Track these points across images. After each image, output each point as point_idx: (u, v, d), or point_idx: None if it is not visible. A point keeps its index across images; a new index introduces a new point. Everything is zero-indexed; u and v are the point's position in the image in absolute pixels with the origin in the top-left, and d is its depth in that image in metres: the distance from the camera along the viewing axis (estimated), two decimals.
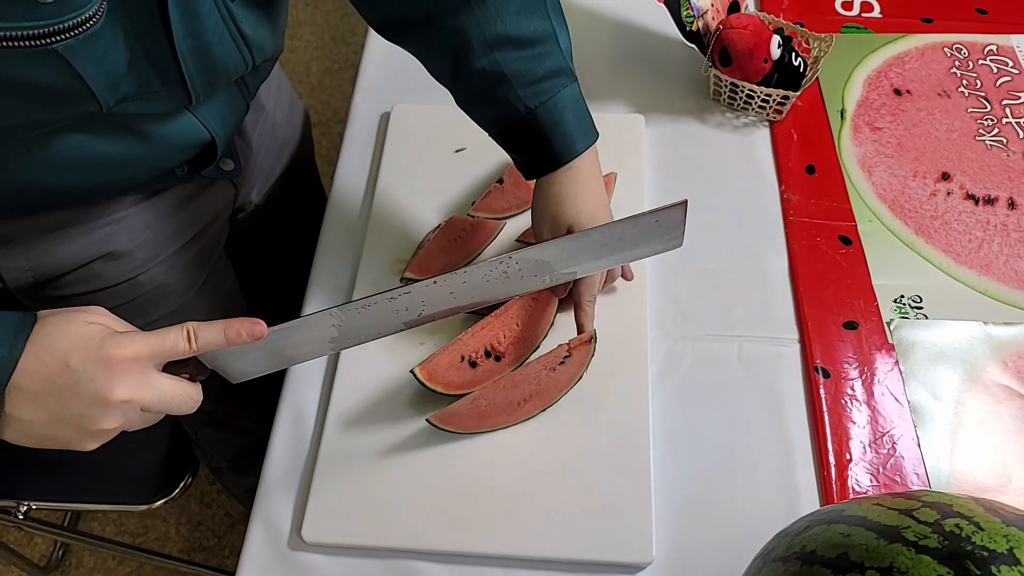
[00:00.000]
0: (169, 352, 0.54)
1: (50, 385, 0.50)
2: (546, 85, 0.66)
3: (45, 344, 0.50)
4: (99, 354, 0.50)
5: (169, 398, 0.54)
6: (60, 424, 0.51)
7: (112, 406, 0.51)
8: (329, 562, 0.68)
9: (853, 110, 0.96)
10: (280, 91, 0.92)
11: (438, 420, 0.69)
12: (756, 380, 0.77)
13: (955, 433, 0.73)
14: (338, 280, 0.84)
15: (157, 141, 0.64)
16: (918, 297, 0.81)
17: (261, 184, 0.92)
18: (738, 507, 0.70)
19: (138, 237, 0.74)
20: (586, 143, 0.68)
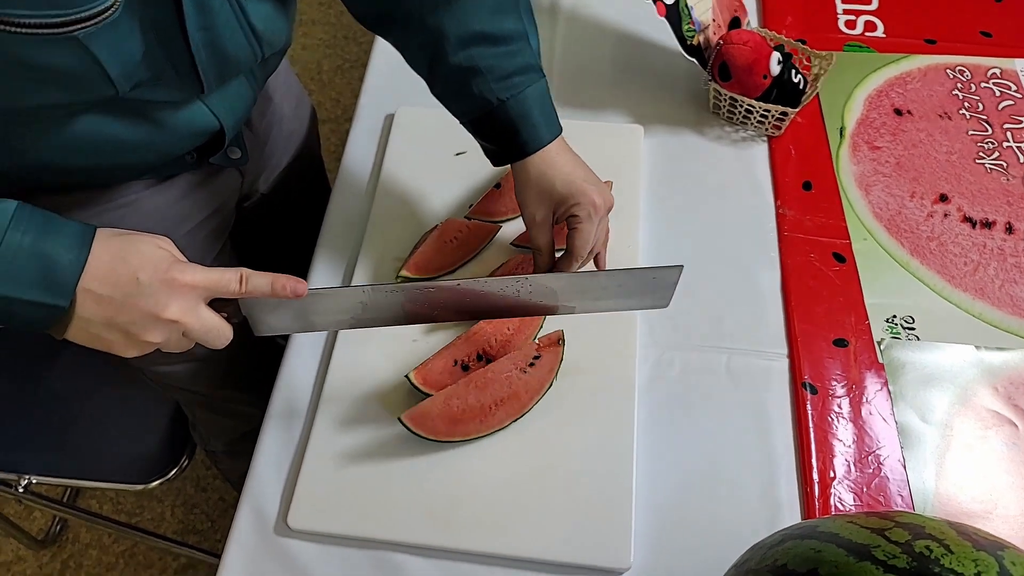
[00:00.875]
0: (222, 288, 0.60)
1: (116, 291, 0.56)
2: (516, 80, 0.69)
3: (119, 255, 0.56)
4: (165, 275, 0.57)
5: (207, 328, 0.60)
6: (113, 328, 0.57)
7: (162, 322, 0.57)
8: (313, 549, 0.70)
9: (852, 128, 0.97)
10: (288, 85, 0.94)
11: (410, 420, 0.70)
12: (743, 393, 0.78)
13: (942, 456, 0.74)
14: (335, 274, 0.85)
15: (168, 127, 0.67)
16: (910, 318, 0.82)
17: (268, 174, 0.94)
18: (719, 519, 0.71)
19: (147, 220, 0.77)
20: (551, 135, 0.72)
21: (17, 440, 1.07)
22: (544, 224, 0.73)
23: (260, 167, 0.91)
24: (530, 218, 0.74)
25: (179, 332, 0.59)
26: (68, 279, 0.54)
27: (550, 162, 0.71)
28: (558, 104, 0.72)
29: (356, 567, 0.69)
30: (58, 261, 0.54)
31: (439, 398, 0.71)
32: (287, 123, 0.94)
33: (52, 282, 0.54)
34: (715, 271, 0.85)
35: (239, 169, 0.86)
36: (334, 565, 0.69)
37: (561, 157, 0.72)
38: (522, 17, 0.70)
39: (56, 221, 0.56)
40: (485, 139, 0.74)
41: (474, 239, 0.84)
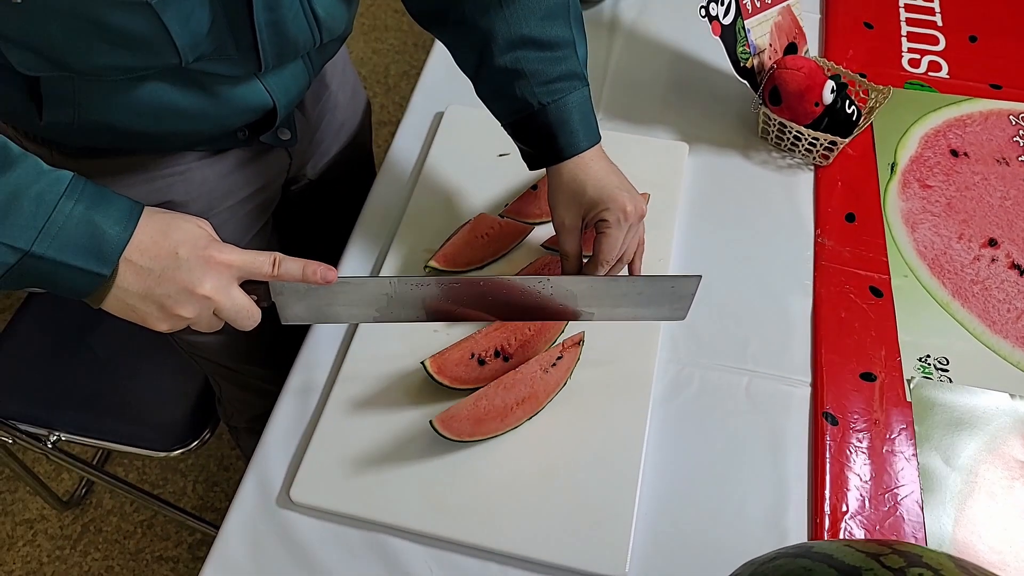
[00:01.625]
0: (255, 270, 0.62)
1: (156, 264, 0.59)
2: (559, 86, 0.70)
3: (162, 231, 0.59)
4: (203, 252, 0.60)
5: (238, 308, 0.62)
6: (149, 300, 0.59)
7: (196, 297, 0.60)
8: (311, 524, 0.70)
9: (905, 165, 0.94)
10: (345, 75, 0.97)
11: (441, 424, 0.70)
12: (761, 416, 0.76)
13: (963, 502, 0.71)
14: (367, 260, 0.87)
15: (224, 100, 0.70)
16: (945, 359, 0.79)
17: (316, 159, 0.96)
18: (721, 538, 0.69)
19: (195, 191, 0.79)
20: (589, 142, 0.72)
21: (52, 398, 1.11)
22: (573, 229, 0.73)
23: (309, 151, 0.94)
24: (559, 222, 0.74)
25: (210, 309, 0.61)
26: (114, 249, 0.57)
27: (583, 167, 0.72)
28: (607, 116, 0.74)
29: (350, 546, 0.69)
30: (106, 231, 0.57)
31: (470, 400, 0.71)
32: (340, 112, 0.97)
33: (99, 251, 0.57)
34: (746, 293, 0.84)
35: (288, 150, 0.88)
36: (329, 542, 0.69)
37: (596, 164, 0.72)
38: (571, 25, 0.71)
39: (108, 194, 0.59)
40: (523, 142, 0.75)
41: (506, 237, 0.84)
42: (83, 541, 1.42)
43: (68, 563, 1.40)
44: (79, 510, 1.45)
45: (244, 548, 0.69)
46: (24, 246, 0.54)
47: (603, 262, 0.72)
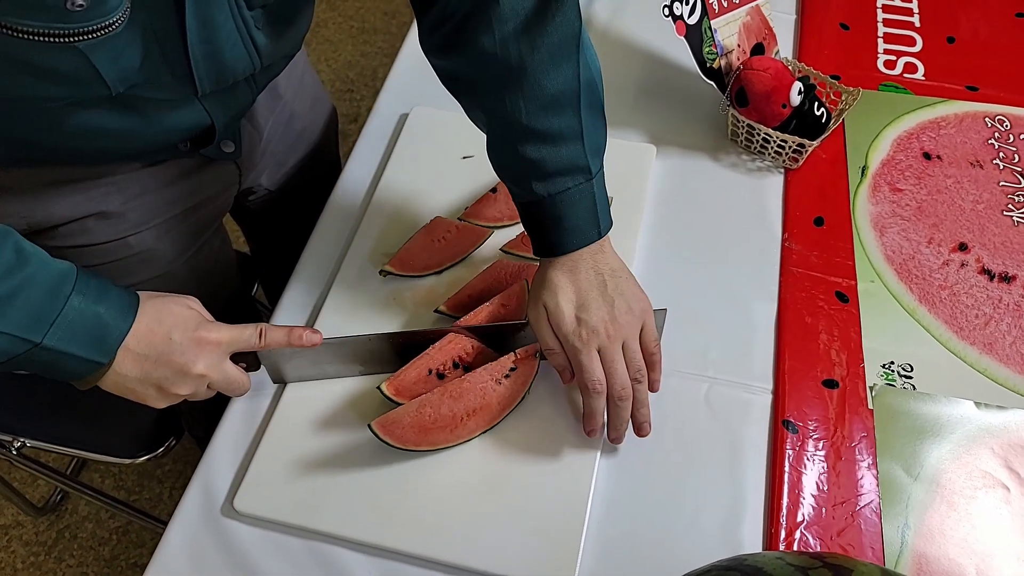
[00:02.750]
0: (244, 343, 0.67)
1: (151, 350, 0.63)
2: (558, 180, 0.67)
3: (156, 318, 0.63)
4: (195, 334, 0.64)
5: (230, 380, 0.68)
6: (147, 383, 0.64)
7: (191, 377, 0.65)
8: (254, 534, 0.69)
9: (876, 168, 0.93)
10: (303, 84, 0.95)
11: (380, 428, 0.68)
12: (720, 425, 0.74)
13: (923, 513, 0.69)
14: (325, 263, 0.85)
15: (158, 121, 0.68)
16: (909, 366, 0.77)
17: (272, 171, 0.95)
18: (673, 550, 0.67)
19: (133, 200, 0.77)
20: (581, 242, 0.68)
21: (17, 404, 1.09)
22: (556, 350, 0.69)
23: (263, 163, 0.92)
24: (535, 318, 0.70)
25: (204, 385, 0.66)
26: (116, 340, 0.61)
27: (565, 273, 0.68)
28: None
29: (294, 556, 0.68)
30: (109, 324, 0.61)
31: (412, 406, 0.69)
32: (298, 122, 0.95)
33: (102, 341, 0.60)
34: (709, 298, 0.82)
35: (235, 162, 0.86)
36: (272, 552, 0.68)
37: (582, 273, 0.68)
38: (580, 114, 0.67)
39: (107, 286, 0.62)
40: (526, 227, 0.72)
41: (464, 241, 0.83)
42: (58, 547, 1.41)
43: (43, 569, 1.39)
44: (54, 516, 1.44)
45: (185, 558, 0.68)
46: (36, 339, 0.57)
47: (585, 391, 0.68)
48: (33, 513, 1.42)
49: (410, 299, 0.80)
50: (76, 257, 0.78)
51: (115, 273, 0.80)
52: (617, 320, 0.68)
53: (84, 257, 0.78)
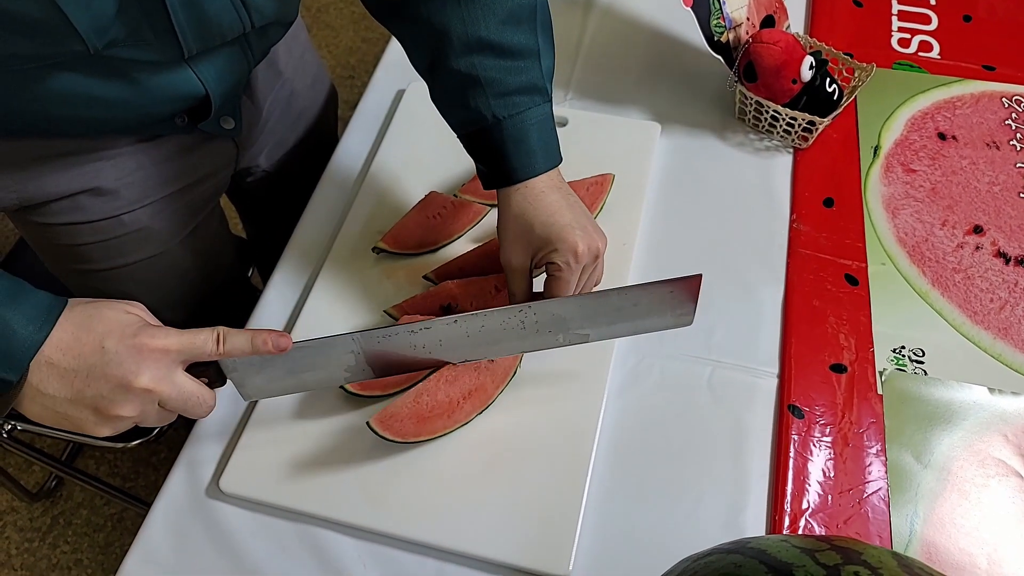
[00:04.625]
0: (197, 351, 0.55)
1: (81, 363, 0.52)
2: (517, 99, 0.64)
3: (84, 324, 0.52)
4: (133, 340, 0.53)
5: (186, 396, 0.56)
6: (81, 404, 0.53)
7: (133, 393, 0.53)
8: (241, 515, 0.67)
9: (889, 148, 0.90)
10: (304, 61, 0.92)
11: (380, 425, 0.65)
12: (723, 409, 0.71)
13: (933, 501, 0.66)
14: (317, 241, 0.83)
15: (148, 88, 0.64)
16: (920, 351, 0.74)
17: (271, 150, 0.92)
18: (673, 536, 0.65)
19: (127, 177, 0.75)
20: (547, 165, 0.65)
21: None
22: (520, 270, 0.67)
23: (261, 142, 0.89)
24: (507, 262, 0.67)
25: (154, 403, 0.55)
26: (24, 352, 0.51)
27: (533, 199, 0.65)
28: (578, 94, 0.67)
29: (280, 538, 0.66)
30: (17, 331, 0.50)
31: (409, 396, 0.66)
32: (298, 100, 0.92)
33: (7, 355, 0.50)
34: (714, 280, 0.79)
35: (234, 140, 0.83)
36: (258, 534, 0.66)
37: (550, 195, 0.65)
38: (536, 32, 0.65)
39: (25, 289, 0.53)
40: (477, 158, 0.68)
41: (460, 218, 0.80)
42: (52, 533, 1.39)
43: (37, 555, 1.37)
44: (48, 502, 1.42)
45: (169, 539, 0.66)
46: None
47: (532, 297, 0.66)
48: (27, 499, 1.40)
49: (404, 277, 0.78)
50: (70, 235, 0.76)
51: (109, 252, 0.78)
52: (597, 245, 0.65)
53: (78, 235, 0.76)
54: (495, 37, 0.63)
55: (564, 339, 0.66)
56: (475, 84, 0.63)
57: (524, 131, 0.64)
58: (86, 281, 0.81)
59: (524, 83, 0.64)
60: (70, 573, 1.36)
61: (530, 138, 0.64)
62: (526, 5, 0.64)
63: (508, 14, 0.63)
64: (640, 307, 0.64)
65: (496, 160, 0.65)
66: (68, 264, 0.80)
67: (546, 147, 0.66)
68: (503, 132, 0.64)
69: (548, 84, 0.66)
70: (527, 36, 0.64)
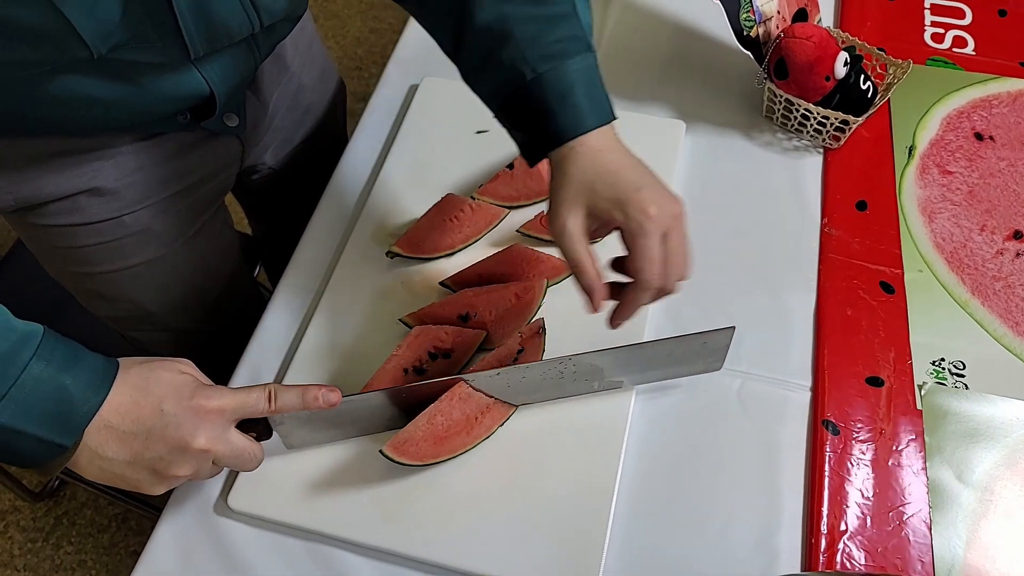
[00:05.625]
0: (250, 409, 0.57)
1: (140, 426, 0.53)
2: (557, 48, 0.56)
3: (141, 387, 0.53)
4: (190, 403, 0.54)
5: (238, 453, 0.57)
6: (138, 466, 0.54)
7: (191, 454, 0.54)
8: (250, 533, 0.64)
9: (924, 148, 0.86)
10: (311, 54, 0.89)
11: (394, 451, 0.61)
12: (754, 423, 0.68)
13: (977, 522, 0.63)
14: (327, 245, 0.80)
15: (152, 89, 0.61)
16: (961, 363, 0.71)
17: (277, 147, 0.89)
18: (704, 560, 0.62)
19: (128, 177, 0.71)
20: (598, 120, 0.57)
21: None
22: (573, 234, 0.56)
23: (268, 139, 0.86)
24: (558, 227, 0.57)
25: (209, 461, 0.56)
26: (83, 418, 0.51)
27: (591, 159, 0.56)
28: None
29: (291, 558, 0.63)
30: (75, 397, 0.51)
31: (422, 419, 0.63)
32: (306, 96, 0.89)
33: (65, 419, 0.51)
34: (742, 287, 0.76)
35: (238, 137, 0.80)
36: (268, 553, 0.63)
37: (607, 155, 0.57)
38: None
39: (80, 353, 0.53)
40: (516, 126, 0.60)
41: (478, 221, 0.77)
42: (56, 534, 1.37)
43: (40, 556, 1.35)
44: (52, 502, 1.40)
45: (175, 558, 0.63)
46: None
47: (645, 286, 0.56)
48: (30, 499, 1.37)
49: (419, 284, 0.75)
50: (69, 237, 0.72)
51: (110, 254, 0.75)
52: (672, 205, 0.56)
53: (77, 237, 0.72)
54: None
55: (599, 386, 0.67)
56: (507, 39, 0.56)
57: (568, 83, 0.56)
58: (85, 284, 0.78)
59: (564, 33, 0.57)
60: (74, 574, 1.34)
61: (576, 91, 0.56)
62: None
63: None
64: (673, 356, 0.66)
65: (539, 122, 0.57)
66: (67, 267, 0.77)
67: (594, 101, 0.57)
68: (544, 87, 0.56)
69: (590, 36, 0.59)
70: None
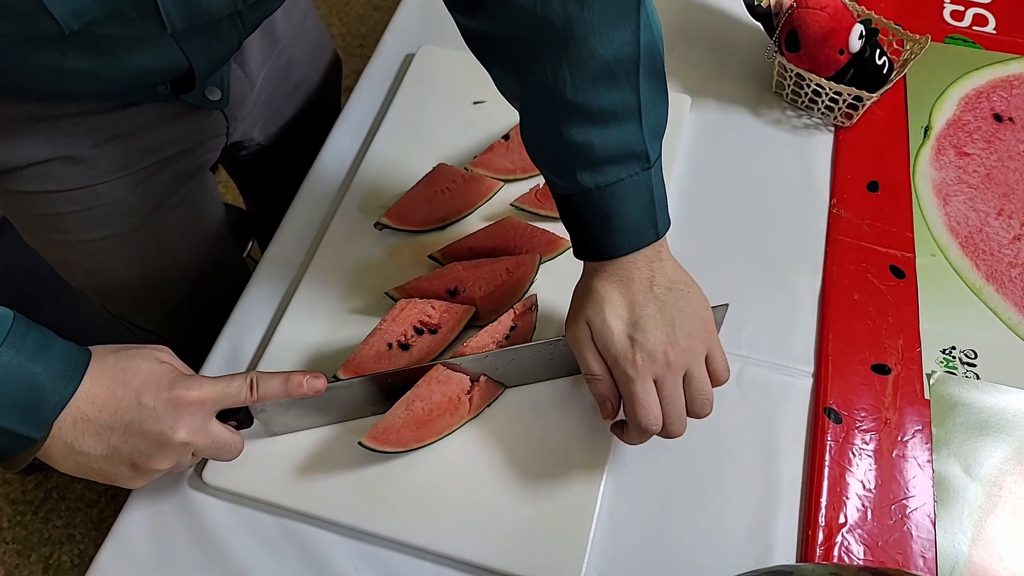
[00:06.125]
0: (231, 399, 0.56)
1: (118, 420, 0.51)
2: (608, 169, 0.54)
3: (118, 378, 0.52)
4: (170, 394, 0.52)
5: (219, 445, 0.56)
6: (117, 460, 0.52)
7: (171, 447, 0.53)
8: (223, 508, 0.61)
9: (940, 129, 0.82)
10: (304, 28, 0.85)
11: (373, 440, 0.59)
12: (752, 409, 0.65)
13: (983, 518, 0.60)
14: (315, 215, 0.77)
15: (127, 62, 0.58)
16: (972, 352, 0.68)
17: (266, 123, 0.86)
18: (695, 550, 0.59)
19: (103, 145, 0.68)
20: (636, 243, 0.55)
21: None
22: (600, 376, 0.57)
23: (255, 115, 0.82)
24: (573, 336, 0.58)
25: (188, 453, 0.55)
26: (53, 408, 0.49)
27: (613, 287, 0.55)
28: None
29: (266, 536, 0.60)
30: (45, 387, 0.49)
31: (400, 406, 0.60)
32: (297, 70, 0.85)
33: (35, 410, 0.49)
34: (745, 268, 0.73)
35: (223, 111, 0.76)
36: (242, 529, 0.61)
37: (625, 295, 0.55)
38: (638, 86, 0.53)
39: (51, 340, 0.50)
40: (566, 224, 0.59)
41: (470, 193, 0.74)
42: (45, 507, 1.36)
43: (29, 529, 1.34)
44: (42, 476, 1.38)
45: (146, 533, 0.61)
46: None
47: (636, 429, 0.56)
48: (20, 472, 1.36)
49: (408, 256, 0.72)
50: (45, 204, 0.70)
51: (86, 223, 0.72)
52: (678, 344, 0.55)
53: (53, 204, 0.70)
54: (584, 100, 0.53)
55: None
56: (564, 148, 0.54)
57: (613, 205, 0.54)
58: (64, 254, 0.75)
59: (618, 150, 0.54)
60: (62, 548, 1.32)
61: (618, 214, 0.55)
62: (627, 57, 0.52)
63: (603, 69, 0.52)
64: None
65: (579, 232, 0.57)
66: (43, 235, 0.74)
67: (637, 222, 0.55)
68: (590, 204, 0.55)
69: (650, 145, 0.55)
70: (624, 94, 0.53)
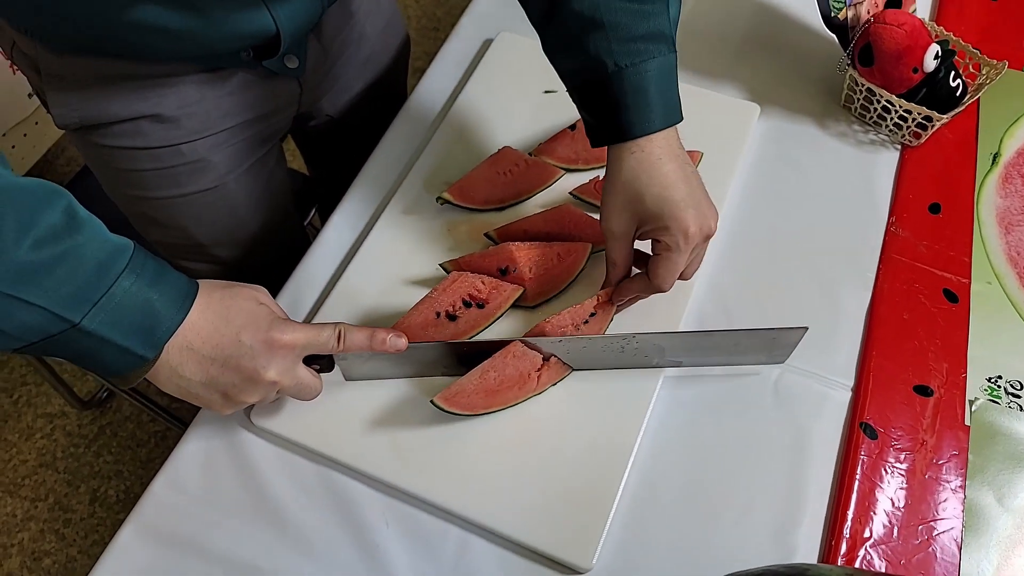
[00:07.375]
0: (320, 346, 0.59)
1: (219, 352, 0.56)
2: (642, 47, 0.58)
3: (223, 315, 0.56)
4: (266, 335, 0.56)
5: (301, 387, 0.60)
6: (212, 388, 0.57)
7: (260, 384, 0.57)
8: (267, 450, 0.65)
9: (1010, 157, 0.81)
10: (379, 4, 0.88)
11: (445, 401, 0.62)
12: (787, 416, 0.66)
13: (1010, 549, 0.60)
14: (382, 184, 0.80)
15: (220, 23, 0.63)
16: (1019, 383, 0.67)
17: (335, 95, 0.89)
18: (715, 546, 0.60)
19: (189, 107, 0.73)
20: (665, 121, 0.60)
21: None
22: (622, 237, 0.63)
23: (326, 84, 0.86)
24: (608, 228, 0.63)
25: (274, 392, 0.59)
26: (165, 332, 0.53)
27: (648, 167, 0.60)
28: None
29: (305, 481, 0.64)
30: (161, 313, 0.53)
31: (475, 374, 0.63)
32: (368, 44, 0.88)
33: (150, 333, 0.53)
34: (795, 275, 0.74)
35: (297, 80, 0.80)
36: (283, 472, 0.64)
37: (665, 164, 0.60)
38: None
39: (166, 270, 0.54)
40: (589, 110, 0.63)
41: (531, 178, 0.76)
42: (98, 442, 1.43)
43: (80, 461, 1.41)
44: (98, 412, 1.45)
45: (198, 464, 0.65)
46: (75, 319, 0.49)
47: (656, 288, 0.63)
48: (78, 406, 1.44)
49: (465, 233, 0.74)
50: (129, 159, 0.75)
51: (165, 181, 0.77)
52: (709, 224, 0.61)
53: (136, 160, 0.75)
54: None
55: (658, 362, 0.66)
56: (597, 27, 0.58)
57: (646, 81, 0.58)
58: (141, 208, 0.80)
59: (651, 29, 0.58)
60: (109, 483, 1.39)
61: (651, 90, 0.59)
62: None
63: None
64: (740, 347, 0.65)
65: (611, 113, 0.60)
66: (124, 189, 0.79)
67: (666, 102, 0.60)
68: (623, 82, 0.59)
69: (674, 32, 0.61)
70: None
